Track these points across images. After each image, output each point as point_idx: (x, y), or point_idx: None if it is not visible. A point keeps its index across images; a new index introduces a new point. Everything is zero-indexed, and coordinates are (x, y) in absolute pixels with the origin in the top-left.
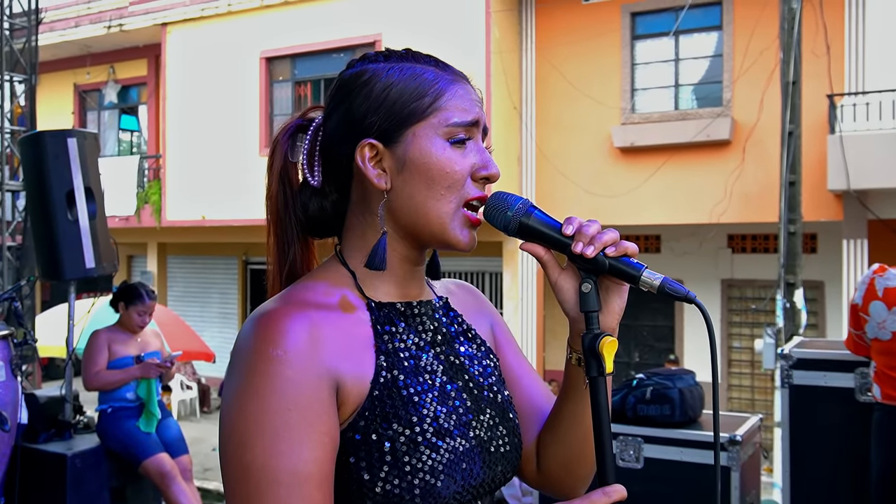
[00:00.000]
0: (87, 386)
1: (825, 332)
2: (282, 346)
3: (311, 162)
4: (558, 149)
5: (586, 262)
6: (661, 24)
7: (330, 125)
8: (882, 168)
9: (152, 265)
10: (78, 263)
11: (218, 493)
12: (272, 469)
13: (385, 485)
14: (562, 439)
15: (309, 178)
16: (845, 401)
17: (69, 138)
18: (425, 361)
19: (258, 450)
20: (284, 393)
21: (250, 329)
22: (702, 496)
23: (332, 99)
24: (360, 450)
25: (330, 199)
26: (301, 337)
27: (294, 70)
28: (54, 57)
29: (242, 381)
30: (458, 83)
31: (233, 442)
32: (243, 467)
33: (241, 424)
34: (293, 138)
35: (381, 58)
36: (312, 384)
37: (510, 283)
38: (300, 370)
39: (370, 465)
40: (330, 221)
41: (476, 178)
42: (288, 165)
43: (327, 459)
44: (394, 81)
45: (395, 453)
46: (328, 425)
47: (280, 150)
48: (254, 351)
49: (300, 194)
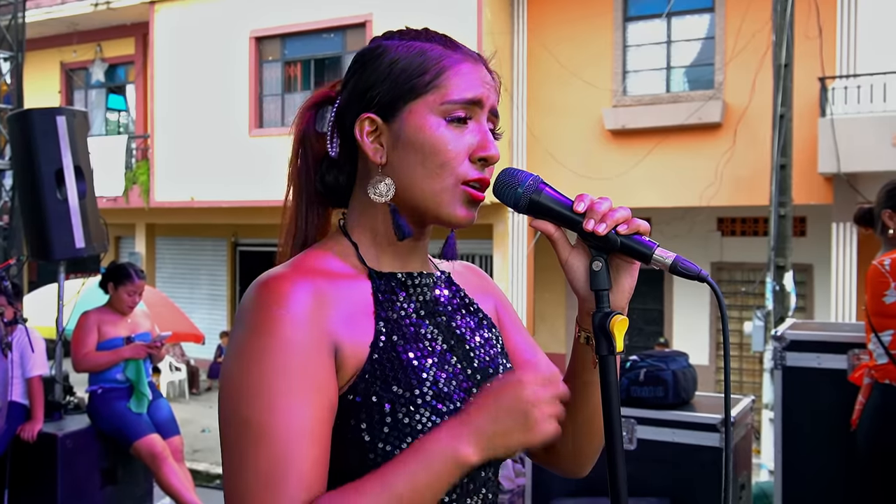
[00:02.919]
0: (76, 367)
1: (813, 314)
2: (285, 307)
3: (332, 133)
4: (549, 131)
5: (597, 240)
6: (653, 6)
7: (343, 97)
8: (872, 151)
9: (140, 246)
10: (68, 243)
11: (208, 474)
12: (269, 424)
13: (385, 446)
14: (569, 418)
15: (329, 149)
16: (838, 382)
17: (58, 116)
18: (425, 330)
19: (256, 405)
20: (286, 351)
21: (256, 290)
22: (694, 477)
23: (348, 71)
24: (361, 412)
25: (345, 170)
26: (304, 300)
27: (284, 50)
28: (40, 34)
29: (245, 338)
30: (466, 62)
31: (233, 397)
32: (240, 421)
33: (241, 380)
34: (321, 108)
35: (398, 35)
36: (313, 345)
37: (501, 266)
38: (302, 330)
39: (371, 426)
40: (344, 192)
41: (474, 158)
42: (311, 135)
43: (325, 419)
44: (399, 56)
45: (396, 415)
46: (326, 386)
47: (302, 119)
48: (258, 310)
49: (321, 164)
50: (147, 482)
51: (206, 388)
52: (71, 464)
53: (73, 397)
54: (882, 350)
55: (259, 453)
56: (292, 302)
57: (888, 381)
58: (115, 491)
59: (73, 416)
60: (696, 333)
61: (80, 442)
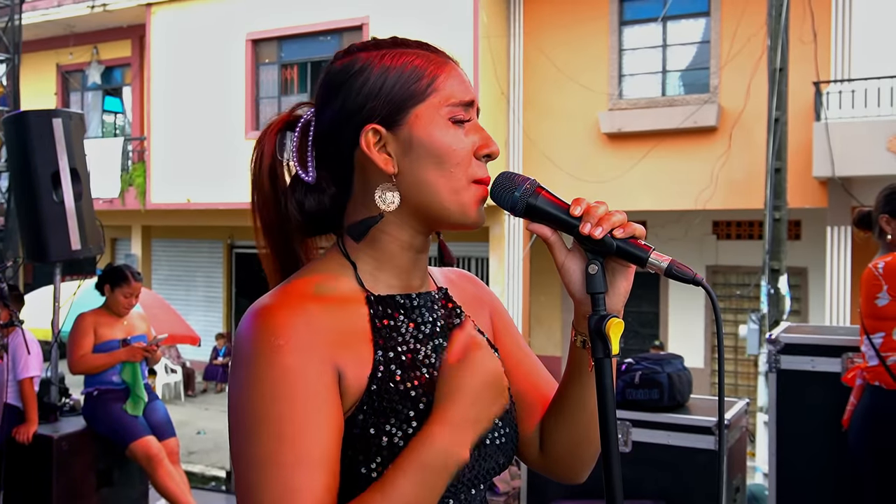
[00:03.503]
0: (72, 369)
1: (808, 317)
2: (283, 337)
3: (304, 158)
4: (545, 134)
5: (593, 244)
6: (649, 10)
7: (325, 118)
8: (866, 155)
9: (136, 248)
10: (63, 245)
11: (203, 475)
12: (276, 453)
13: (379, 476)
14: (566, 423)
15: (302, 175)
16: (833, 386)
17: (54, 118)
18: (423, 354)
19: (265, 437)
20: (288, 380)
21: (250, 323)
22: (689, 479)
23: (324, 92)
24: (359, 443)
25: (328, 193)
26: (300, 329)
27: (280, 53)
28: (36, 37)
29: (246, 372)
30: (448, 65)
31: (241, 432)
32: (250, 457)
33: (248, 414)
34: (280, 136)
35: (371, 46)
36: (315, 370)
37: (496, 269)
38: (302, 358)
39: (367, 458)
40: (329, 216)
41: (478, 155)
42: (276, 164)
43: (333, 443)
44: (389, 66)
45: (393, 448)
46: (332, 410)
47: (268, 148)
48: (255, 342)
49: (294, 193)
50: (143, 484)
51: (201, 391)
52: (66, 466)
53: (69, 399)
54: (873, 352)
55: (269, 484)
56: (291, 331)
57: (878, 383)
58: (111, 493)
59: (68, 419)
60: (692, 336)
61: (76, 444)
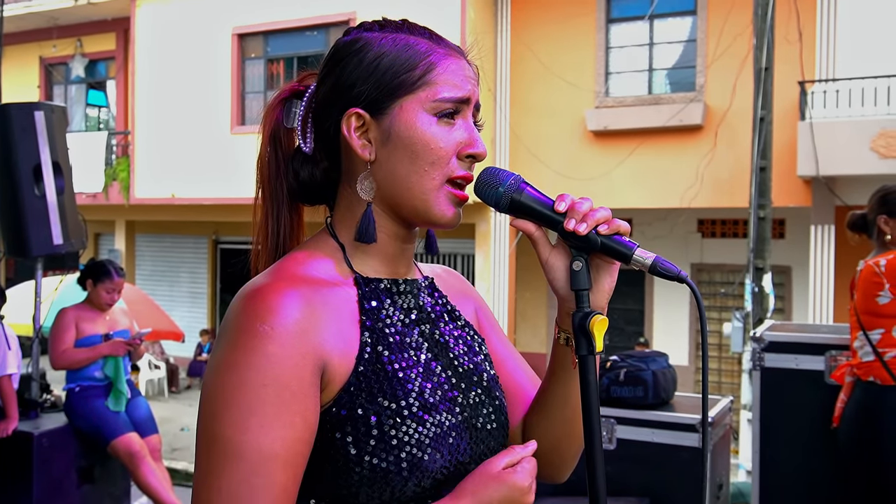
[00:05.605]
0: (54, 364)
1: (791, 316)
2: (269, 322)
3: (305, 128)
4: (532, 131)
5: (578, 240)
6: (635, 8)
7: (322, 92)
8: (850, 155)
9: (120, 243)
10: (45, 240)
11: (187, 473)
12: (238, 444)
13: (372, 459)
14: (549, 420)
15: (301, 145)
16: (816, 383)
17: (36, 111)
18: (410, 339)
19: (227, 423)
20: (263, 369)
21: (241, 303)
22: (673, 476)
23: (326, 65)
24: (347, 425)
25: (321, 166)
26: (292, 314)
27: (267, 47)
28: (19, 28)
29: (225, 353)
30: (451, 57)
31: (206, 412)
32: (211, 438)
33: (217, 395)
34: (288, 103)
35: (377, 26)
36: (295, 363)
37: (482, 266)
38: (284, 347)
39: (356, 439)
40: (320, 189)
41: (462, 155)
42: (281, 130)
43: (298, 440)
44: (385, 51)
45: (382, 427)
46: (304, 406)
47: (272, 114)
48: (241, 324)
49: (292, 160)
50: (125, 481)
51: (185, 387)
52: (47, 463)
53: (50, 395)
54: (870, 347)
55: (225, 474)
56: (278, 316)
57: (872, 378)
58: (93, 490)
59: (49, 415)
60: (676, 334)
61: (57, 440)
